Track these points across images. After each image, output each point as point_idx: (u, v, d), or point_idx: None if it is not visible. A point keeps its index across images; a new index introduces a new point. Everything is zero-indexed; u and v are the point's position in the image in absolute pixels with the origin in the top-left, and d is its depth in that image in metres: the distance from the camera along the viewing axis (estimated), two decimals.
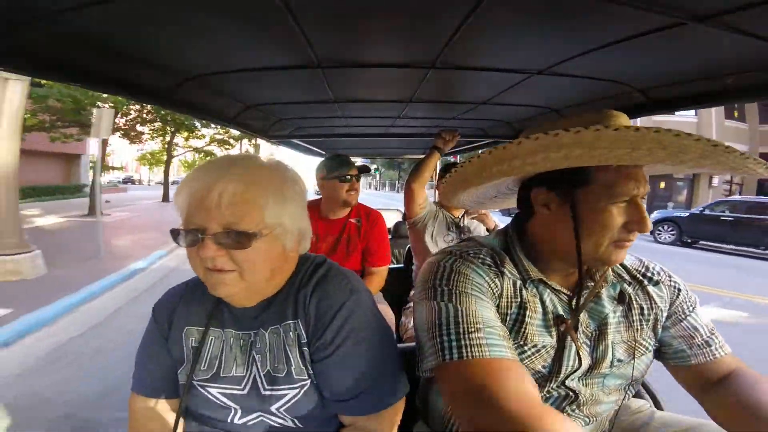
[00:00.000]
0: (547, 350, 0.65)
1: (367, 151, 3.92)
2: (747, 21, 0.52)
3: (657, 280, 0.73)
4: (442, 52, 0.78)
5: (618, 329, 0.68)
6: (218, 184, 0.58)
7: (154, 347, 0.71)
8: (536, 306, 0.66)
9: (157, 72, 0.87)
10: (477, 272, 0.64)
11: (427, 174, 1.75)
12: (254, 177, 0.61)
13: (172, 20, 0.62)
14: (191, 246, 0.59)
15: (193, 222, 0.58)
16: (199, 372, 0.67)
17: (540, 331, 0.65)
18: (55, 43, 0.64)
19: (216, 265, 0.58)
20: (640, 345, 0.69)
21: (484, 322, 0.58)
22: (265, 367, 0.66)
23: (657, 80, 0.86)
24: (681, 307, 0.72)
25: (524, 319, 0.64)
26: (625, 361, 0.67)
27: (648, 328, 0.70)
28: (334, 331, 0.63)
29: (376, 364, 0.65)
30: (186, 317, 0.70)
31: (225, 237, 0.57)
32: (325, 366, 0.64)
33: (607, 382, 0.68)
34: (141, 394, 0.71)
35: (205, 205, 0.58)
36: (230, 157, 0.65)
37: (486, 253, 0.68)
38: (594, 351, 0.66)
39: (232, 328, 0.69)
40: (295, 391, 0.65)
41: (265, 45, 0.76)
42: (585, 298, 0.67)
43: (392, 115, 1.59)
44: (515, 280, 0.66)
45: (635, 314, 0.70)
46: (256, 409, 0.66)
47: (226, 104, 1.24)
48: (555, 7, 0.57)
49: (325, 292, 0.67)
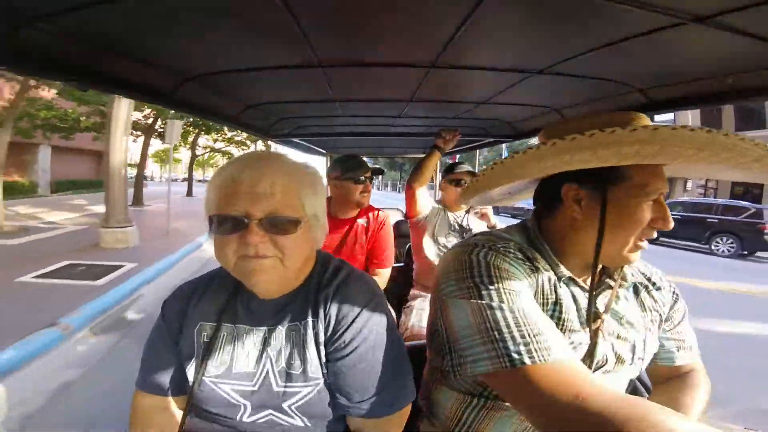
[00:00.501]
0: (582, 347, 0.64)
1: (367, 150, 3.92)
2: (747, 21, 0.52)
3: (659, 286, 0.75)
4: (442, 52, 0.78)
5: (637, 328, 0.69)
6: (269, 173, 0.62)
7: (161, 345, 0.71)
8: (570, 303, 0.65)
9: (158, 72, 0.87)
10: (515, 266, 0.62)
11: (428, 173, 1.75)
12: (297, 171, 0.67)
13: (173, 20, 0.62)
14: (233, 232, 0.61)
15: (235, 209, 0.60)
16: (211, 369, 0.67)
17: (575, 327, 0.64)
18: (55, 43, 0.64)
19: (258, 251, 0.60)
20: (653, 343, 0.71)
21: (542, 322, 0.56)
22: (280, 364, 0.66)
23: (657, 80, 0.86)
24: (677, 312, 0.75)
25: (561, 316, 0.63)
26: (644, 358, 0.69)
27: (656, 328, 0.72)
28: (353, 333, 0.65)
29: (389, 368, 0.66)
30: (199, 313, 0.71)
31: (272, 222, 0.61)
32: (340, 366, 0.65)
33: (623, 376, 0.69)
34: (145, 391, 0.71)
35: (255, 192, 0.61)
36: (269, 152, 0.69)
37: (515, 247, 0.66)
38: (616, 348, 0.66)
39: (246, 323, 0.69)
40: (309, 389, 0.65)
41: (265, 44, 0.76)
42: (609, 299, 0.67)
43: (393, 115, 1.59)
44: (549, 275, 0.65)
45: (648, 312, 0.71)
46: (267, 406, 0.66)
47: (226, 104, 1.24)
48: (555, 7, 0.57)
49: (347, 294, 0.68)
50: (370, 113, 1.59)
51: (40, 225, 8.59)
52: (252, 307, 0.70)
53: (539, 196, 0.72)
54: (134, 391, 0.72)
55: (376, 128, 1.95)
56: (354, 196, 1.64)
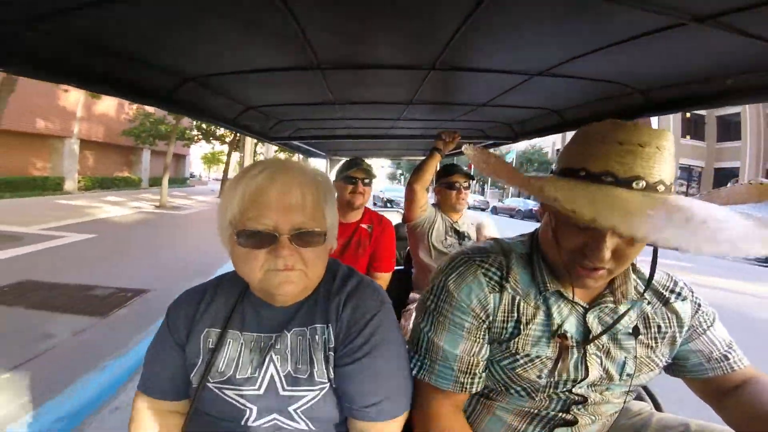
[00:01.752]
0: (542, 361, 0.67)
1: (367, 152, 3.92)
2: (747, 21, 0.52)
3: (684, 297, 0.73)
4: (442, 54, 0.78)
5: (632, 347, 0.68)
6: (298, 184, 0.63)
7: (164, 350, 0.71)
8: (538, 318, 0.67)
9: (157, 73, 0.87)
10: (471, 289, 0.68)
11: (428, 176, 1.74)
12: (320, 180, 0.67)
13: (172, 21, 0.62)
14: (262, 247, 0.61)
15: (264, 222, 0.60)
16: (216, 374, 0.67)
17: (536, 342, 0.67)
18: (55, 43, 0.64)
19: (287, 264, 0.61)
20: (651, 362, 0.70)
21: (446, 356, 0.69)
22: (286, 368, 0.66)
23: (657, 81, 0.86)
24: (699, 321, 0.72)
25: (519, 332, 0.67)
26: (635, 375, 0.69)
27: (663, 345, 0.71)
28: (364, 338, 0.66)
29: (395, 374, 0.68)
30: (207, 319, 0.71)
31: (300, 236, 0.62)
32: (349, 371, 0.65)
33: (613, 389, 0.69)
34: (147, 395, 0.71)
35: (286, 204, 0.61)
36: (291, 160, 0.68)
37: (494, 261, 0.71)
38: (603, 363, 0.68)
39: (254, 330, 0.70)
40: (315, 393, 0.65)
41: (265, 46, 0.76)
42: (610, 316, 0.68)
43: (392, 117, 1.59)
44: (514, 295, 0.69)
45: (651, 333, 0.70)
46: (273, 410, 0.66)
47: (226, 105, 1.24)
48: (555, 9, 0.57)
49: (359, 301, 0.69)
50: (369, 115, 1.59)
51: (179, 205, 13.21)
52: (260, 313, 0.70)
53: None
54: (135, 392, 0.72)
55: (375, 130, 1.95)
56: (344, 196, 1.65)
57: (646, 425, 0.78)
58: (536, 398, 0.69)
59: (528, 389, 0.69)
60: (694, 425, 0.72)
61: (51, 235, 6.61)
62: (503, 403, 0.73)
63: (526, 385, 0.69)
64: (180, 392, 0.71)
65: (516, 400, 0.72)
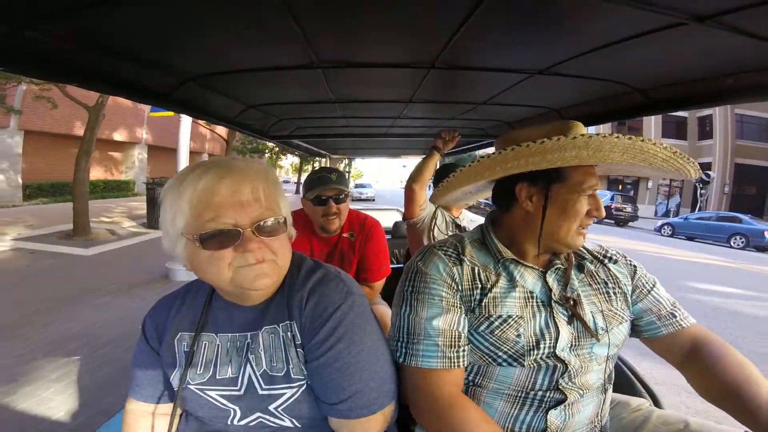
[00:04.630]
0: (515, 320, 0.72)
1: (367, 151, 3.92)
2: (747, 21, 0.52)
3: (615, 259, 0.85)
4: (442, 52, 0.77)
5: (590, 300, 0.77)
6: (247, 179, 0.62)
7: (144, 358, 0.73)
8: (500, 282, 0.76)
9: (157, 72, 0.87)
10: (437, 265, 0.77)
11: (428, 175, 1.74)
12: (268, 172, 0.67)
13: (172, 20, 0.62)
14: (226, 246, 0.60)
15: (222, 221, 0.60)
16: (195, 376, 0.68)
17: (503, 302, 0.73)
18: (55, 43, 0.64)
19: (258, 257, 0.61)
20: (615, 314, 0.77)
21: (426, 334, 0.72)
22: (261, 367, 0.66)
23: (657, 80, 0.86)
24: (641, 282, 0.82)
25: (485, 296, 0.74)
26: (606, 329, 0.75)
27: (618, 300, 0.79)
28: (327, 332, 0.64)
29: (366, 368, 0.65)
30: (177, 324, 0.72)
31: (262, 228, 0.62)
32: (316, 366, 0.64)
33: (595, 351, 0.74)
34: (135, 399, 0.73)
35: (240, 201, 0.60)
36: (233, 159, 0.67)
37: (450, 245, 0.81)
38: (573, 320, 0.74)
39: (227, 331, 0.70)
40: (293, 391, 0.65)
41: (265, 45, 0.76)
42: (565, 274, 0.78)
43: (392, 116, 1.58)
44: (473, 266, 0.78)
45: (601, 286, 0.80)
46: (256, 409, 0.66)
47: (226, 104, 1.24)
48: (555, 7, 0.57)
49: (321, 294, 0.68)
50: (369, 114, 1.59)
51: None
52: (231, 314, 0.70)
53: (496, 196, 0.83)
54: (126, 398, 0.75)
55: (375, 129, 1.94)
56: (316, 220, 1.46)
57: (647, 421, 0.79)
58: (524, 364, 0.70)
59: (513, 355, 0.70)
60: (694, 423, 0.73)
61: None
62: (492, 386, 0.73)
63: (509, 348, 0.71)
64: (165, 395, 0.73)
65: (504, 377, 0.72)
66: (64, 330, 2.98)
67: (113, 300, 3.67)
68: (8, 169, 11.79)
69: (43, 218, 8.71)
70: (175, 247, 0.64)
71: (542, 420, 0.71)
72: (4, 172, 11.70)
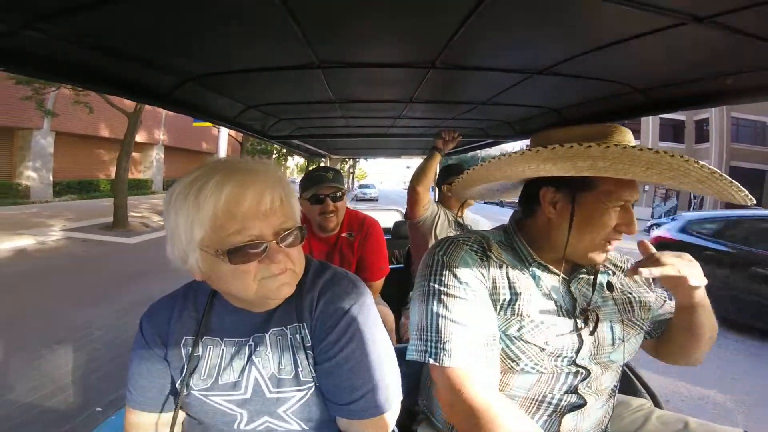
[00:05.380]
0: (547, 326, 0.70)
1: (367, 151, 3.92)
2: (747, 21, 0.52)
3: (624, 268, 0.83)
4: (442, 52, 0.77)
5: (610, 309, 0.76)
6: (269, 188, 0.60)
7: (144, 363, 0.69)
8: (530, 286, 0.73)
9: (157, 72, 0.87)
10: (465, 259, 0.72)
11: (431, 176, 1.74)
12: (283, 179, 0.66)
13: (172, 20, 0.62)
14: (253, 260, 0.58)
15: (248, 233, 0.58)
16: (199, 381, 0.66)
17: (535, 307, 0.71)
18: (55, 43, 0.64)
19: (281, 268, 0.61)
20: (635, 324, 0.77)
21: (458, 331, 0.66)
22: (269, 370, 0.66)
23: (657, 80, 0.86)
24: (659, 291, 0.84)
25: (517, 296, 0.71)
26: (623, 339, 0.75)
27: (640, 309, 0.78)
28: (339, 334, 0.64)
29: (376, 369, 0.65)
30: (182, 328, 0.69)
31: (285, 238, 0.61)
32: (327, 368, 0.64)
33: (612, 358, 0.74)
34: (139, 410, 0.69)
35: (262, 211, 0.59)
36: (246, 161, 0.65)
37: (473, 240, 0.76)
38: (593, 331, 0.72)
39: (232, 335, 0.68)
40: (302, 393, 0.65)
41: (265, 45, 0.76)
42: (589, 284, 0.75)
43: (392, 116, 1.58)
44: (501, 264, 0.74)
45: (622, 298, 0.78)
46: (263, 413, 0.65)
47: (226, 105, 1.24)
48: (555, 7, 0.56)
49: (332, 295, 0.67)
50: (369, 114, 1.59)
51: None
52: (237, 318, 0.69)
53: (521, 196, 0.81)
54: (126, 409, 0.70)
55: (375, 129, 1.94)
56: (314, 219, 1.47)
57: (647, 421, 0.79)
58: (545, 371, 0.69)
59: (536, 360, 0.69)
60: (694, 423, 0.74)
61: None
62: (506, 392, 0.72)
63: (534, 355, 0.69)
64: (170, 401, 0.70)
65: (523, 382, 0.71)
66: (143, 296, 3.78)
67: (166, 276, 3.96)
68: (41, 168, 12.52)
69: (78, 213, 9.60)
70: (186, 258, 0.60)
71: (555, 424, 0.70)
72: (38, 170, 12.47)
